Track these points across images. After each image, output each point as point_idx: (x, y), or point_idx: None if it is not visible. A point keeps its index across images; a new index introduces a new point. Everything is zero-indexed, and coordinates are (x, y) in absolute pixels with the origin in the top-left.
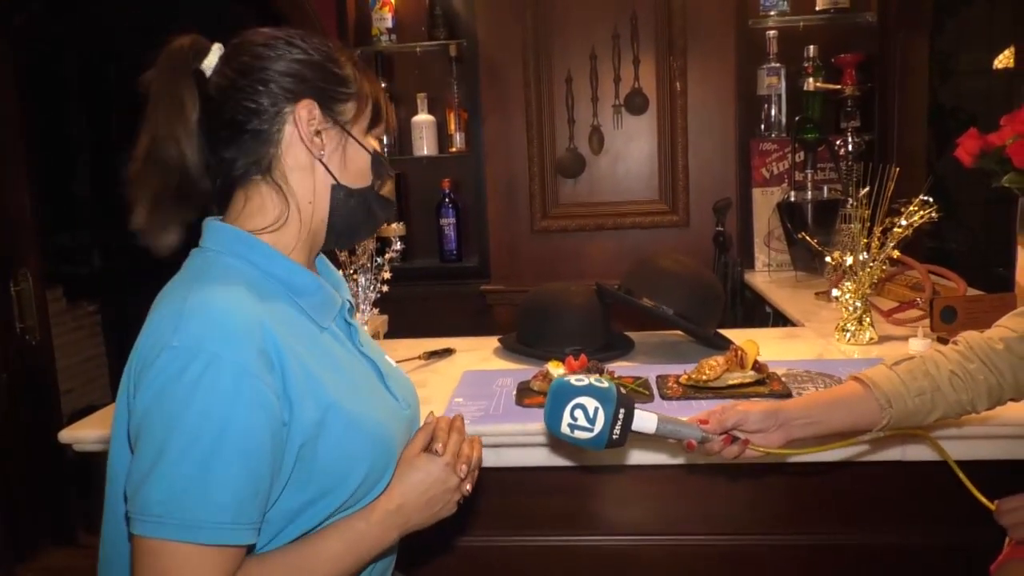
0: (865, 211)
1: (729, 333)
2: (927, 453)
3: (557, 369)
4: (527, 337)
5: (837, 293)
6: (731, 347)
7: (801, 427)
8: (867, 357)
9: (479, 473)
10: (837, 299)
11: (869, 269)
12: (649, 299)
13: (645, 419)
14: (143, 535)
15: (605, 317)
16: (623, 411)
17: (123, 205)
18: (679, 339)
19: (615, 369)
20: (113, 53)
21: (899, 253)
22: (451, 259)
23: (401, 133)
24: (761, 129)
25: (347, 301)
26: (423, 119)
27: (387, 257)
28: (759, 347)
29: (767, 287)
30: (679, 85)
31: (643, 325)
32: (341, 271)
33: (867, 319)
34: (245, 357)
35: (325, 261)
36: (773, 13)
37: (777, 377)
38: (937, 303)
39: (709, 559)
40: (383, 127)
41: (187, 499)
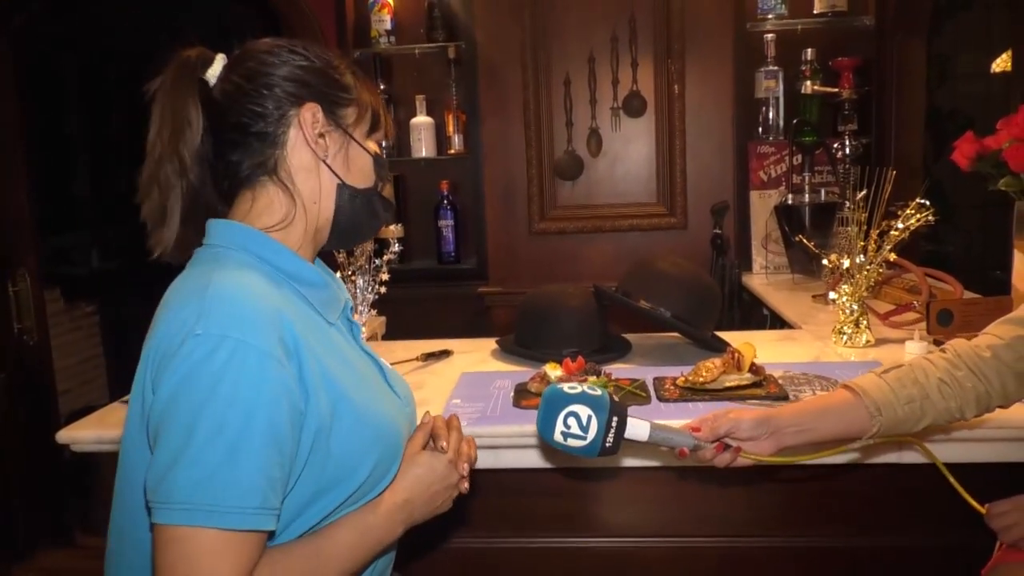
0: (862, 214)
1: (726, 335)
2: (922, 456)
3: (555, 371)
4: (525, 339)
5: (834, 296)
6: (728, 349)
7: (792, 435)
8: (864, 360)
9: (474, 474)
10: (834, 302)
11: (866, 272)
12: (646, 301)
13: (638, 427)
14: (169, 523)
15: (603, 319)
16: (616, 419)
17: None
18: (676, 341)
19: (612, 371)
20: (113, 53)
21: (896, 256)
22: (449, 261)
23: (400, 135)
24: (759, 132)
25: (348, 299)
26: (421, 121)
27: (385, 259)
28: (756, 349)
29: (764, 289)
30: (677, 88)
31: (641, 327)
32: (339, 272)
33: (864, 322)
34: (269, 344)
35: (321, 264)
36: (771, 16)
37: (774, 379)
38: (934, 306)
39: (706, 561)
40: (382, 133)
41: (215, 485)
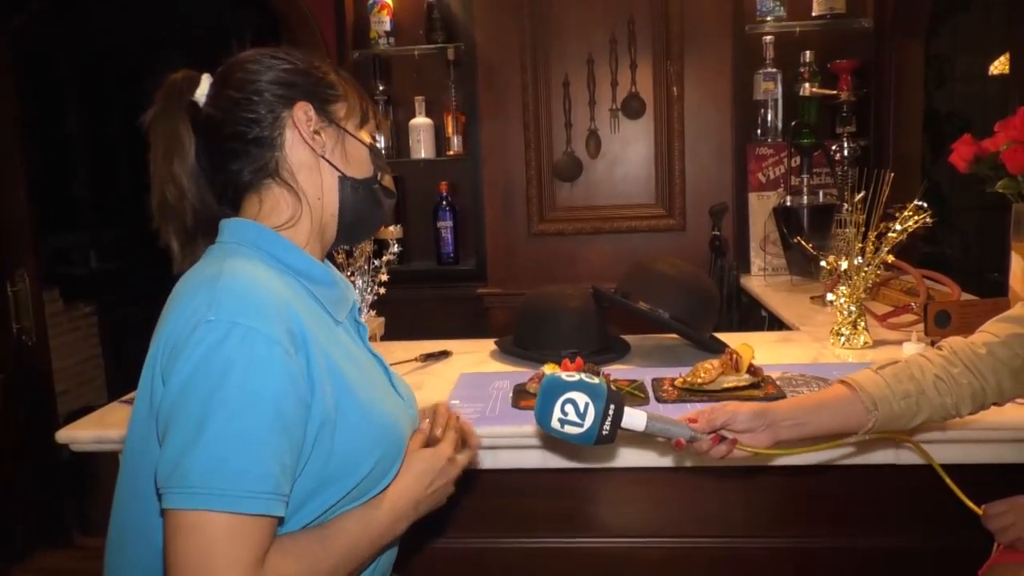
0: (860, 216)
1: (724, 337)
2: (919, 457)
3: (554, 372)
4: (524, 340)
5: (832, 297)
6: (726, 350)
7: (788, 428)
8: (862, 361)
9: (474, 473)
10: (832, 303)
11: (864, 274)
12: (645, 303)
13: (635, 416)
14: (182, 508)
15: (601, 320)
16: (613, 407)
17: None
18: (675, 342)
19: (611, 372)
20: (113, 53)
21: (894, 258)
22: (448, 262)
23: (399, 136)
24: (757, 134)
25: (355, 301)
26: (421, 122)
27: (384, 259)
28: (754, 351)
29: (763, 291)
30: (676, 90)
31: (639, 328)
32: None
33: (862, 323)
34: (278, 333)
35: (330, 265)
36: (770, 18)
37: (772, 381)
38: (931, 308)
39: (704, 561)
40: (372, 125)
41: (228, 470)
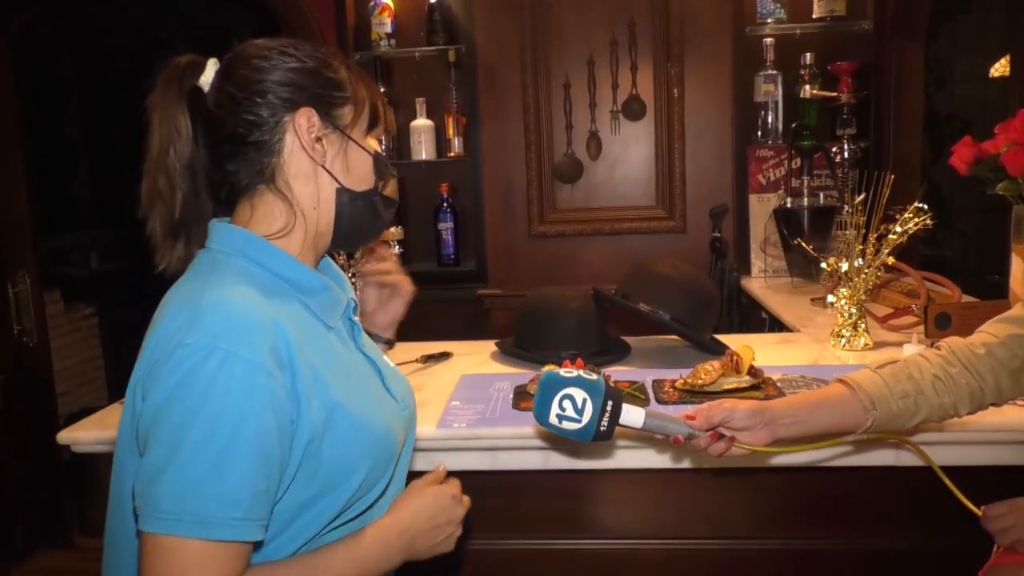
0: (860, 218)
1: (725, 338)
2: (918, 459)
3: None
4: (524, 341)
5: (832, 299)
6: (727, 352)
7: (786, 426)
8: (862, 363)
9: (472, 477)
10: (832, 305)
11: (864, 275)
12: (646, 304)
13: (633, 413)
14: (154, 532)
15: (602, 322)
16: (611, 403)
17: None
18: (675, 344)
19: (611, 373)
20: (112, 54)
21: (894, 260)
22: (449, 263)
23: (399, 137)
24: (758, 136)
25: (351, 300)
26: (421, 124)
27: None
28: (754, 352)
29: (763, 293)
30: (676, 91)
31: (640, 330)
32: None
33: (862, 325)
34: (259, 355)
35: (328, 261)
36: (770, 21)
37: (772, 382)
38: (932, 310)
39: (704, 563)
40: (382, 128)
41: (200, 495)
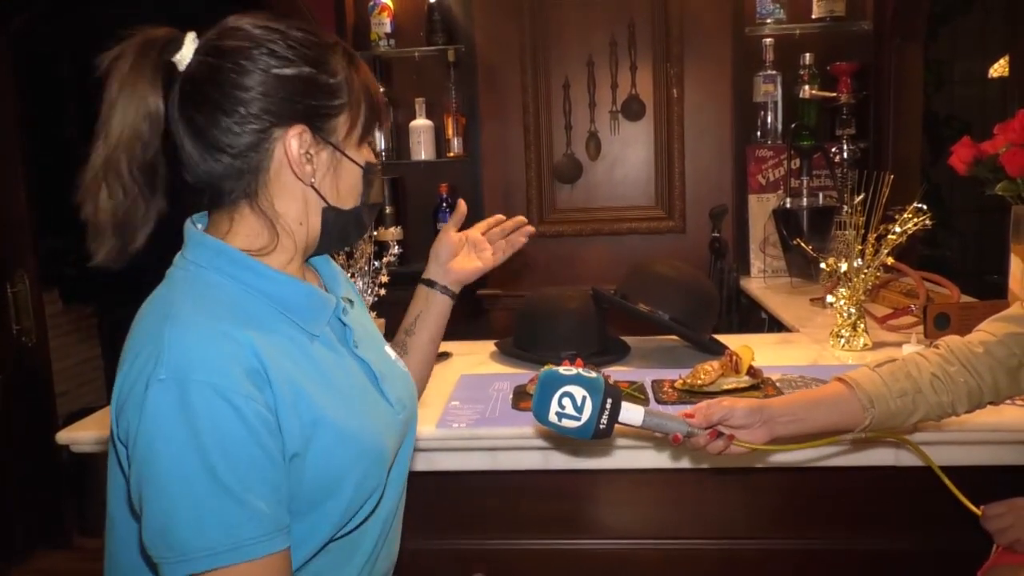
0: (860, 218)
1: (724, 338)
2: (917, 459)
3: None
4: (524, 341)
5: (832, 299)
6: (726, 352)
7: (785, 424)
8: (861, 363)
9: (474, 477)
10: (832, 305)
11: (863, 276)
12: (645, 304)
13: (632, 411)
14: (197, 572)
15: (601, 322)
16: (610, 401)
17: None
18: (675, 344)
19: (611, 373)
20: None
21: (893, 260)
22: None
23: (399, 138)
24: (757, 136)
25: (340, 300)
26: (421, 124)
27: (384, 261)
28: (754, 352)
29: (762, 293)
30: (676, 92)
31: (639, 330)
32: None
33: (861, 325)
34: (234, 380)
35: (325, 257)
36: (770, 21)
37: (771, 382)
38: (931, 310)
39: (703, 563)
40: (376, 136)
41: (226, 525)
